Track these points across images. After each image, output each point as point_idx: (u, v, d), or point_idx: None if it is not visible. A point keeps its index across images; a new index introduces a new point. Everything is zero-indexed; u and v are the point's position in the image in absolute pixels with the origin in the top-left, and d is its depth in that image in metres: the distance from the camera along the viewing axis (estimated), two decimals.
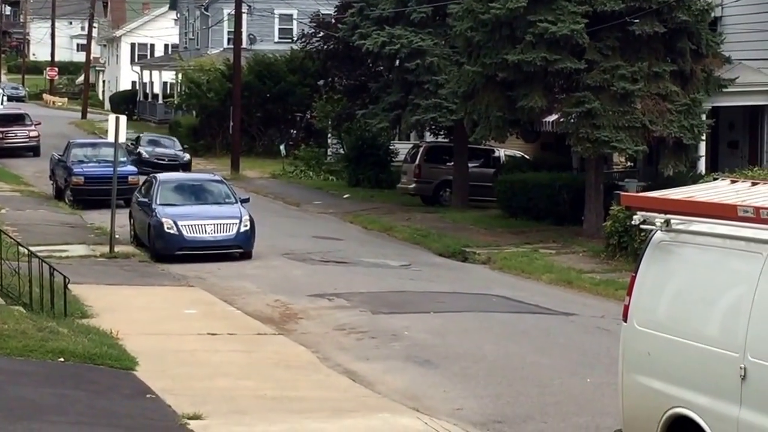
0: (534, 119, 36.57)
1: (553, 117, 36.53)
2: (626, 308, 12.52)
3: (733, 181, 12.74)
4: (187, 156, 55.57)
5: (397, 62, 42.71)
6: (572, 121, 33.80)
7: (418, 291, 27.02)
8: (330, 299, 25.44)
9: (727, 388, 10.91)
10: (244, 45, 61.29)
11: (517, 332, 22.45)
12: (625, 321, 12.51)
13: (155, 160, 53.61)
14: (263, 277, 28.35)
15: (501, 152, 46.39)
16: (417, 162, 45.87)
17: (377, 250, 34.20)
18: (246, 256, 31.26)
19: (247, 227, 31.33)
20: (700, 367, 11.35)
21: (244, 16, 60.89)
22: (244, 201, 33.08)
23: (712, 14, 34.99)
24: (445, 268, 31.64)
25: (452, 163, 44.88)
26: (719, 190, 12.32)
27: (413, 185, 45.98)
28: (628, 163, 42.51)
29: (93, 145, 47.35)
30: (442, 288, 27.61)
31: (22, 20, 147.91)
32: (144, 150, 55.30)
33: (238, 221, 31.29)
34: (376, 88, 45.43)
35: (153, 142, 57.57)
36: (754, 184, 12.37)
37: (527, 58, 33.15)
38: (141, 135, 59.84)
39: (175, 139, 60.03)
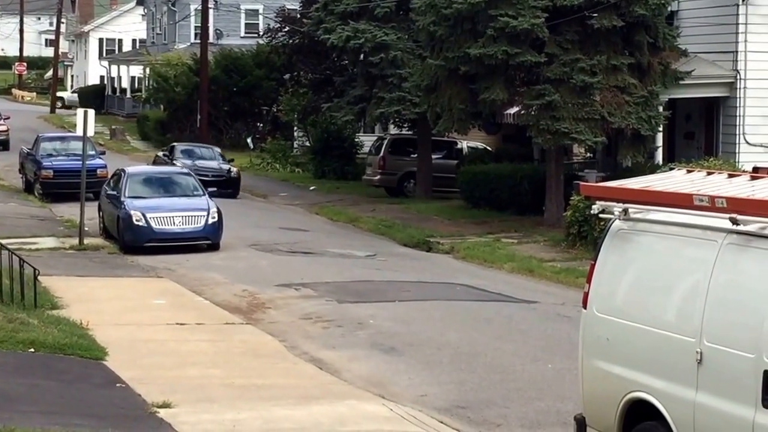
0: (496, 111, 36.63)
1: (515, 109, 36.60)
2: (586, 295, 12.57)
3: (689, 171, 12.79)
4: (235, 169, 45.70)
5: (362, 56, 42.70)
6: (533, 113, 33.88)
7: (383, 280, 27.03)
8: (297, 289, 25.42)
9: (684, 372, 10.97)
10: (210, 40, 61.14)
11: (480, 320, 22.50)
12: (585, 308, 12.56)
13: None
14: (231, 267, 28.31)
15: (464, 144, 46.47)
16: (381, 154, 45.90)
17: (343, 241, 34.20)
18: (214, 247, 31.21)
19: (215, 219, 31.28)
20: (658, 352, 11.40)
21: (211, 12, 60.73)
22: (212, 194, 33.00)
23: (669, 8, 35.12)
24: (410, 257, 31.67)
25: (416, 155, 44.93)
26: (675, 179, 12.36)
27: (378, 177, 46.01)
28: (588, 154, 42.63)
29: (62, 139, 47.12)
30: (407, 277, 27.64)
31: None
32: (181, 164, 43.99)
33: (205, 213, 31.24)
34: (341, 81, 45.43)
35: (189, 153, 47.13)
36: (709, 173, 12.43)
37: (489, 52, 33.21)
38: (175, 145, 49.06)
39: (215, 148, 49.74)
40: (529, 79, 34.63)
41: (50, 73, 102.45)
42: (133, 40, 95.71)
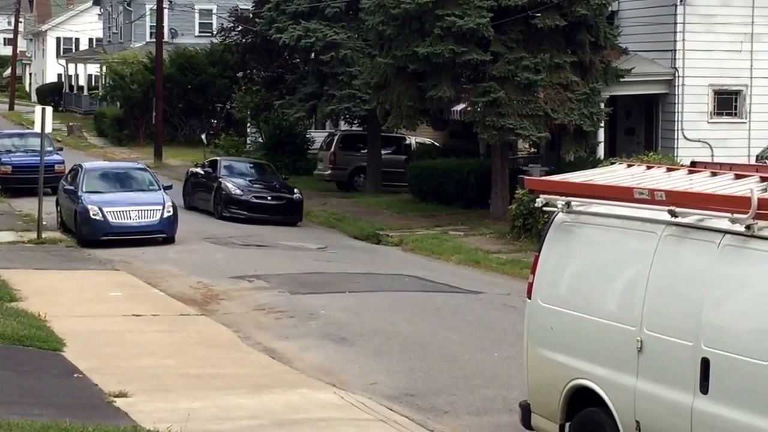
0: (443, 108, 36.69)
1: (461, 106, 36.65)
2: (530, 286, 12.59)
3: (629, 165, 12.83)
4: (297, 191, 37.60)
5: (313, 55, 42.64)
6: (479, 109, 33.91)
7: (334, 272, 26.99)
8: (250, 281, 25.34)
9: (625, 359, 11.01)
10: (165, 39, 60.82)
11: (429, 310, 22.50)
12: (530, 298, 12.58)
13: (253, 200, 36.49)
14: (186, 260, 28.18)
15: (412, 140, 46.49)
16: (332, 149, 45.87)
17: (295, 234, 34.12)
18: (169, 240, 31.05)
19: (170, 213, 31.13)
20: (600, 341, 11.44)
21: (166, 11, 60.38)
22: (167, 188, 32.84)
23: (610, 8, 35.26)
24: (360, 250, 31.64)
25: (366, 151, 44.91)
26: (616, 173, 12.40)
27: (329, 172, 45.96)
28: (532, 149, 42.77)
29: (20, 136, 46.77)
30: (357, 269, 27.60)
31: None
32: (231, 184, 37.09)
33: (161, 207, 31.08)
34: (293, 79, 45.32)
35: (238, 171, 38.78)
36: (648, 167, 12.48)
37: (436, 51, 33.22)
38: (218, 160, 39.93)
39: (267, 163, 42.20)
40: (475, 76, 34.67)
41: (8, 71, 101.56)
42: (90, 39, 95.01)
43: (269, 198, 36.43)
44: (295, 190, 37.21)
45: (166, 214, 30.98)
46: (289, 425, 14.11)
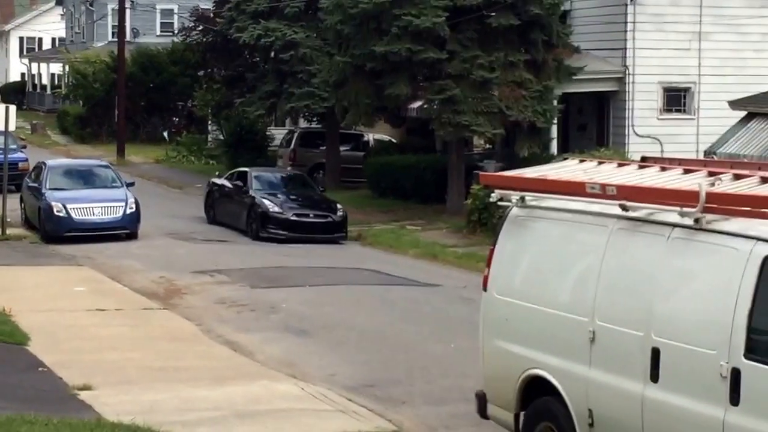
0: (400, 106, 36.70)
1: (418, 103, 36.68)
2: (486, 278, 12.62)
3: (581, 161, 12.87)
4: (339, 205, 33.07)
5: (272, 53, 42.56)
6: (435, 107, 33.96)
7: (294, 266, 26.97)
8: (212, 275, 25.28)
9: (578, 350, 11.06)
10: (127, 38, 60.47)
11: (387, 303, 22.53)
12: (485, 290, 12.61)
13: (293, 218, 31.76)
14: (148, 255, 28.08)
15: (370, 136, 46.49)
16: (292, 147, 45.80)
17: None
18: (132, 236, 30.92)
19: (133, 209, 31.00)
20: (554, 332, 11.48)
21: (128, 11, 60.06)
22: (130, 185, 32.70)
23: (562, 8, 35.37)
24: (320, 245, 31.60)
25: (325, 148, 44.85)
26: (569, 169, 12.43)
27: (289, 168, 45.87)
28: (487, 146, 42.82)
29: None
30: (317, 263, 27.59)
31: None
32: (267, 200, 32.32)
33: (124, 204, 30.95)
34: (253, 77, 45.20)
35: (271, 185, 34.08)
36: (600, 163, 12.53)
37: (393, 49, 33.23)
38: (248, 171, 34.76)
39: (302, 174, 37.23)
40: (431, 74, 34.69)
41: None
42: (53, 39, 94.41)
43: (311, 215, 32.09)
44: (338, 206, 32.85)
45: (128, 211, 30.85)
46: (251, 416, 14.10)
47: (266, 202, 32.14)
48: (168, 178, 47.57)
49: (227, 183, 34.71)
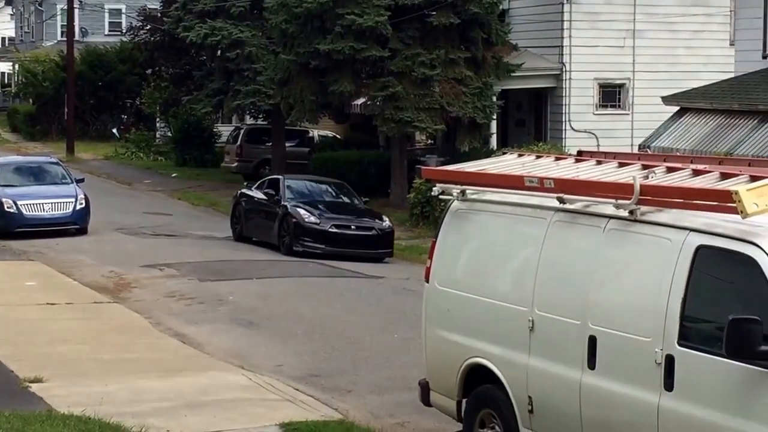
0: (344, 102, 36.66)
1: (361, 100, 36.66)
2: (428, 270, 12.62)
3: (520, 155, 12.90)
4: (385, 217, 29.27)
5: (219, 52, 42.41)
6: (378, 103, 33.97)
7: (241, 260, 26.86)
8: (161, 269, 25.13)
9: (518, 338, 11.09)
10: (76, 37, 60.01)
11: (332, 295, 22.50)
12: (428, 281, 12.62)
13: (333, 230, 27.69)
14: (98, 250, 27.86)
15: (315, 133, 46.44)
16: (239, 143, 45.68)
17: (204, 224, 33.91)
18: (82, 231, 30.68)
19: (83, 205, 30.76)
20: (495, 321, 11.50)
21: (76, 11, 59.60)
22: (80, 181, 32.43)
23: (501, 6, 35.52)
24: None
25: (271, 144, 44.74)
26: (508, 163, 12.46)
27: (236, 164, 45.74)
28: (429, 141, 42.91)
29: None
30: (263, 256, 27.50)
31: None
32: (302, 209, 28.11)
33: (74, 200, 30.70)
34: (200, 76, 45.04)
35: (308, 193, 29.85)
36: (538, 157, 12.56)
37: (337, 48, 33.20)
38: (280, 178, 30.71)
39: (341, 182, 31.93)
40: (374, 72, 34.69)
41: None
42: (3, 38, 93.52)
43: (353, 227, 27.96)
44: (384, 218, 28.96)
45: (78, 206, 30.62)
46: (200, 406, 14.03)
47: (300, 211, 27.87)
48: (117, 175, 47.26)
49: (257, 193, 30.29)
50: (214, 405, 14.11)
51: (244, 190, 31.26)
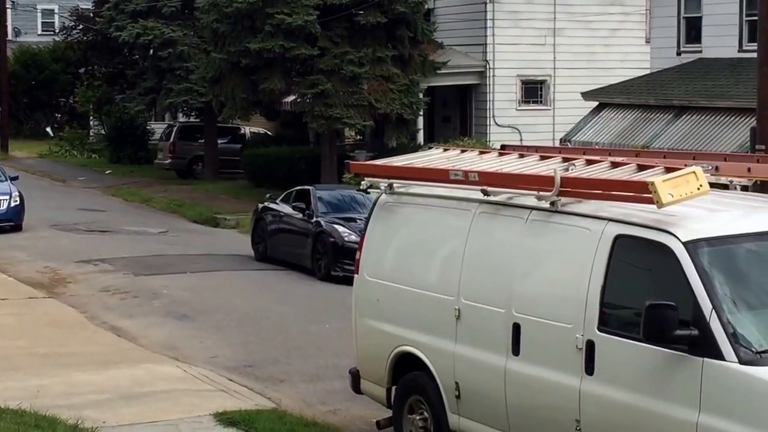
0: (274, 100, 36.54)
1: (292, 98, 36.57)
2: (358, 261, 12.66)
3: (445, 150, 12.96)
4: None
5: (151, 51, 42.12)
6: (308, 101, 33.91)
7: (175, 254, 26.72)
8: (95, 264, 24.93)
9: (445, 327, 11.15)
10: (9, 37, 59.34)
11: (265, 287, 22.46)
12: (357, 273, 12.65)
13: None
14: (33, 246, 27.57)
15: (246, 129, 46.25)
16: (171, 140, 45.39)
17: (137, 219, 33.67)
18: (17, 228, 30.33)
19: (17, 202, 30.42)
20: (422, 311, 11.55)
21: (9, 11, 58.94)
22: (14, 179, 32.05)
23: (426, 5, 35.57)
24: (199, 233, 31.38)
25: (203, 141, 44.52)
26: (434, 157, 12.51)
27: (169, 161, 45.45)
28: (358, 137, 42.90)
29: None
30: (197, 251, 27.37)
31: None
32: (340, 227, 23.81)
33: (8, 197, 30.35)
34: (133, 74, 44.71)
35: (343, 207, 25.11)
36: (463, 151, 12.63)
37: (267, 46, 33.11)
38: (310, 189, 25.83)
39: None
40: (304, 70, 34.63)
41: None
42: None
43: None
44: None
45: (13, 204, 30.28)
46: (136, 398, 13.97)
47: (339, 228, 23.67)
48: (52, 172, 46.77)
49: (283, 207, 25.92)
50: (150, 396, 14.06)
51: (266, 204, 26.83)
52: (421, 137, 36.29)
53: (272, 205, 26.46)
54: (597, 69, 36.97)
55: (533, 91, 37.87)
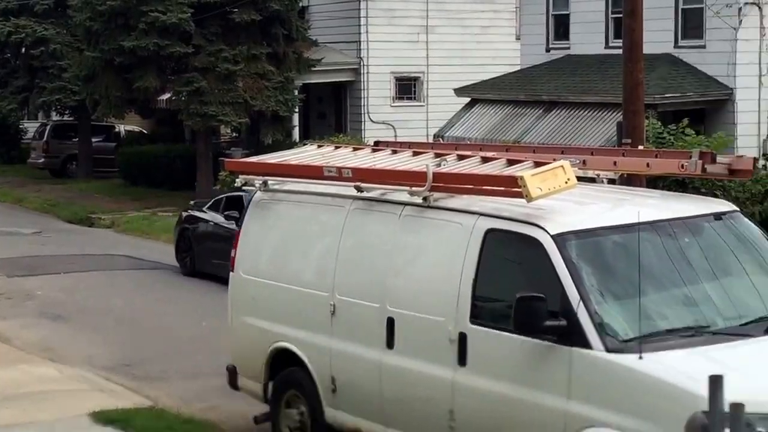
0: (149, 98, 36.21)
1: (167, 95, 36.27)
2: (233, 259, 12.59)
3: (319, 146, 12.98)
4: None
5: (23, 49, 41.41)
6: (183, 98, 33.66)
7: (49, 255, 26.31)
8: None
9: (320, 323, 11.17)
10: None
11: (142, 286, 22.24)
12: (233, 271, 12.59)
13: None
14: None
15: (121, 128, 45.72)
16: (45, 139, 44.66)
17: (10, 220, 33.06)
18: None
19: None
20: (298, 307, 11.55)
21: None
22: None
23: (301, 3, 35.54)
24: (74, 233, 30.94)
25: (77, 139, 43.90)
26: (308, 154, 12.52)
27: (42, 160, 44.72)
28: (234, 134, 42.69)
29: None
30: (72, 251, 26.98)
31: None
32: None
33: None
34: (5, 73, 43.84)
35: None
36: (337, 148, 12.67)
37: (141, 44, 32.77)
38: (244, 196, 21.58)
39: None
40: (178, 68, 34.35)
41: None
42: None
43: None
44: None
45: None
46: (11, 399, 13.73)
47: None
48: None
49: (212, 216, 23.80)
50: (25, 398, 13.83)
51: (193, 212, 24.72)
52: (296, 134, 36.26)
53: (199, 214, 24.34)
54: (469, 66, 37.31)
55: (407, 88, 38.10)
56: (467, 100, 32.13)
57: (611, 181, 11.48)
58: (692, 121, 23.47)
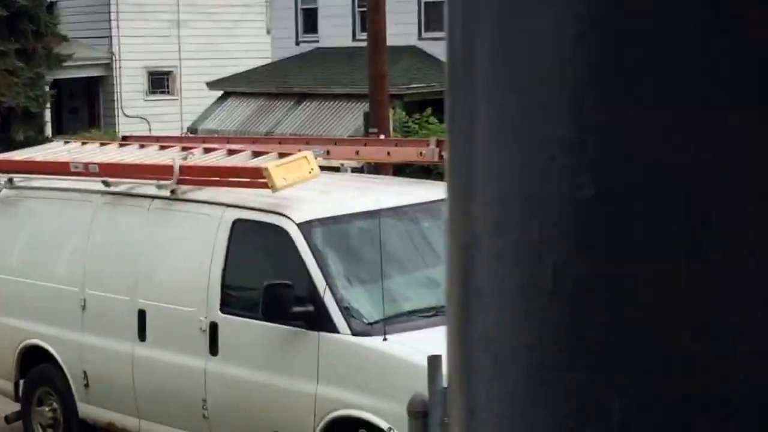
0: None
1: None
2: None
3: (66, 142, 12.77)
4: None
5: None
6: None
7: None
8: None
9: (71, 318, 10.99)
10: None
11: None
12: None
13: None
14: None
15: None
16: None
17: None
18: None
19: None
20: (48, 303, 11.33)
21: None
22: None
23: None
24: None
25: None
26: (56, 150, 12.31)
27: None
28: None
29: None
30: None
31: None
32: None
33: None
34: None
35: None
36: (84, 143, 12.49)
37: None
38: None
39: None
40: None
41: None
42: None
43: None
44: None
45: None
46: None
47: None
48: None
49: None
50: None
51: None
52: (49, 130, 35.37)
53: None
54: (222, 59, 37.14)
55: (160, 82, 37.67)
56: (220, 93, 32.01)
57: (358, 170, 11.68)
58: (437, 109, 23.98)
